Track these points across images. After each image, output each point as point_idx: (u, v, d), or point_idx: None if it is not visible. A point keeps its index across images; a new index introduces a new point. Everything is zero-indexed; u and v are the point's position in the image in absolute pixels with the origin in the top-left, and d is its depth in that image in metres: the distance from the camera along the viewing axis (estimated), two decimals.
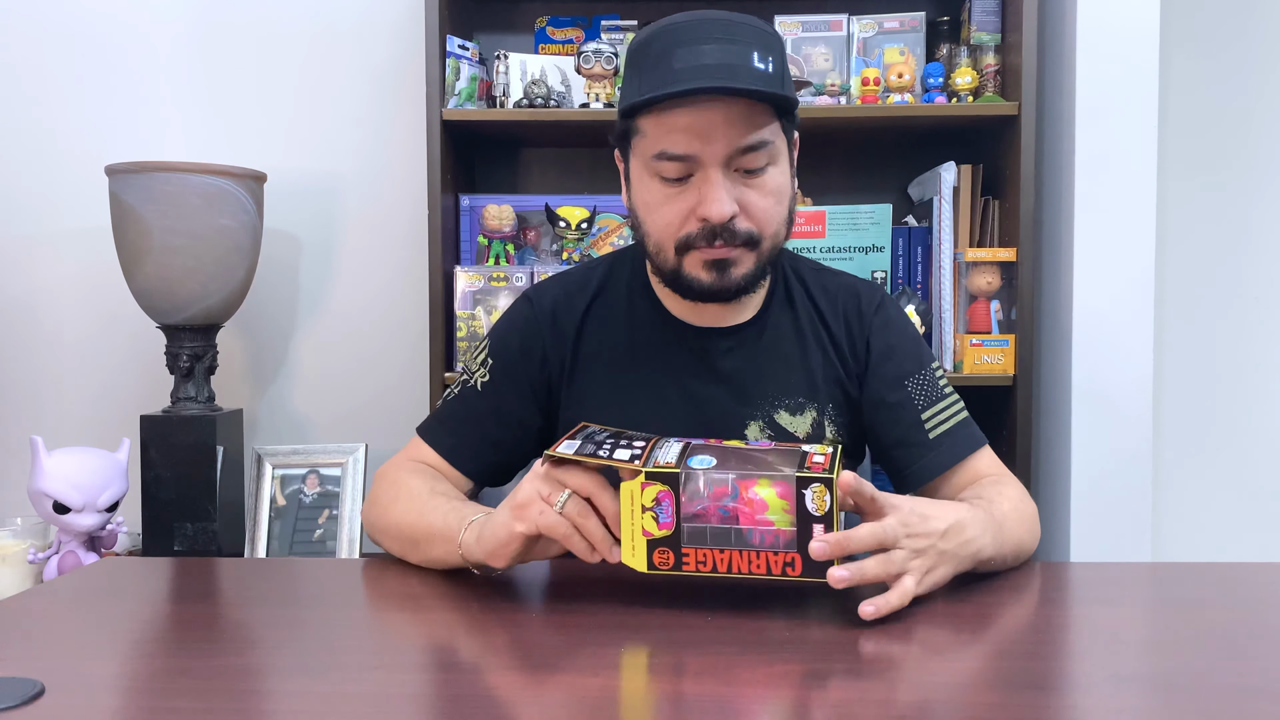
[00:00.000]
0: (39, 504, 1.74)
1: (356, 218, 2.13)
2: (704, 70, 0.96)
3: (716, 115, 0.97)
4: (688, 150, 0.99)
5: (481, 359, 1.17)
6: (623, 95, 1.05)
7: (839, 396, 1.14)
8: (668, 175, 1.02)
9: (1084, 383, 1.81)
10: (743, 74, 0.97)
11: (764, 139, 1.00)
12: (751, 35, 0.99)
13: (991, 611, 0.89)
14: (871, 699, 0.67)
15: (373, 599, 0.95)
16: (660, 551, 0.83)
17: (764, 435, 1.11)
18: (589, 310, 1.15)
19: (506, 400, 1.14)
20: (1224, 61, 2.11)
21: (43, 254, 2.14)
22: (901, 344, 1.15)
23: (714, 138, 0.98)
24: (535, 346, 1.15)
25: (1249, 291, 2.14)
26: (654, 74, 0.98)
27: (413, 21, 2.01)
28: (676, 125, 0.99)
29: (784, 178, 1.04)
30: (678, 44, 0.98)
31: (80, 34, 2.12)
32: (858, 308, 1.16)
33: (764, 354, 1.13)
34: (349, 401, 2.13)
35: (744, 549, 0.82)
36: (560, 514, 0.85)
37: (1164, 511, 2.11)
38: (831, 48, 1.93)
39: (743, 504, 0.81)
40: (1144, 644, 0.81)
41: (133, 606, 0.91)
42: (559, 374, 1.15)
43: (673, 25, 1.01)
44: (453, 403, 1.17)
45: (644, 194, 1.05)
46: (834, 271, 1.21)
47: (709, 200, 0.99)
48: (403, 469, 1.13)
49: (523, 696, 0.69)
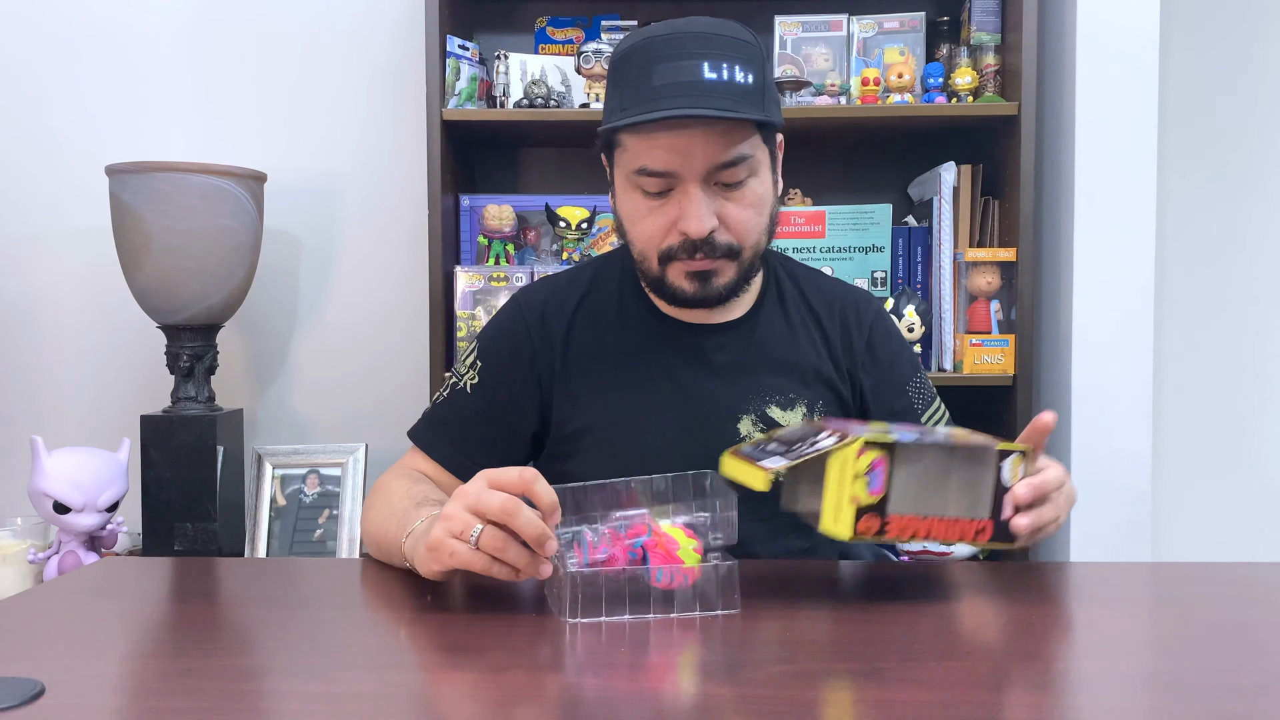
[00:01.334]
0: (39, 504, 1.74)
1: (356, 218, 2.13)
2: (683, 88, 0.97)
3: (695, 133, 0.99)
4: (667, 167, 1.01)
5: (470, 361, 1.17)
6: (605, 106, 1.06)
7: (827, 393, 1.15)
8: (648, 190, 1.03)
9: (1084, 383, 1.81)
10: (721, 93, 0.98)
11: (743, 154, 1.01)
12: (732, 48, 1.00)
13: (992, 611, 0.89)
14: (871, 699, 0.67)
15: (373, 599, 0.95)
16: (867, 518, 0.85)
17: (756, 429, 1.12)
18: (578, 309, 1.16)
19: (495, 402, 1.15)
20: (1224, 61, 2.11)
21: (43, 254, 2.14)
22: (901, 352, 1.20)
23: (693, 155, 1.00)
24: (524, 347, 1.15)
25: (1249, 291, 2.14)
26: (634, 90, 1.00)
27: (413, 21, 2.01)
28: (656, 143, 1.00)
29: (764, 187, 1.06)
30: (657, 59, 0.99)
31: (80, 34, 2.12)
32: (856, 315, 1.19)
33: (756, 349, 1.14)
34: (349, 401, 2.13)
35: (943, 516, 0.86)
36: (477, 548, 0.83)
37: (1164, 511, 2.11)
38: (831, 48, 1.93)
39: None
40: (1144, 644, 0.81)
41: (133, 606, 0.91)
42: (549, 374, 1.15)
43: (652, 38, 1.01)
44: (441, 406, 1.17)
45: (627, 205, 1.07)
46: (830, 279, 1.24)
47: (688, 216, 1.01)
48: (392, 475, 1.14)
49: (523, 696, 0.69)
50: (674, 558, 0.83)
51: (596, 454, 1.11)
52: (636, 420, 1.11)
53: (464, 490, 0.86)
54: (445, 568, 0.86)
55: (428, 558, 0.87)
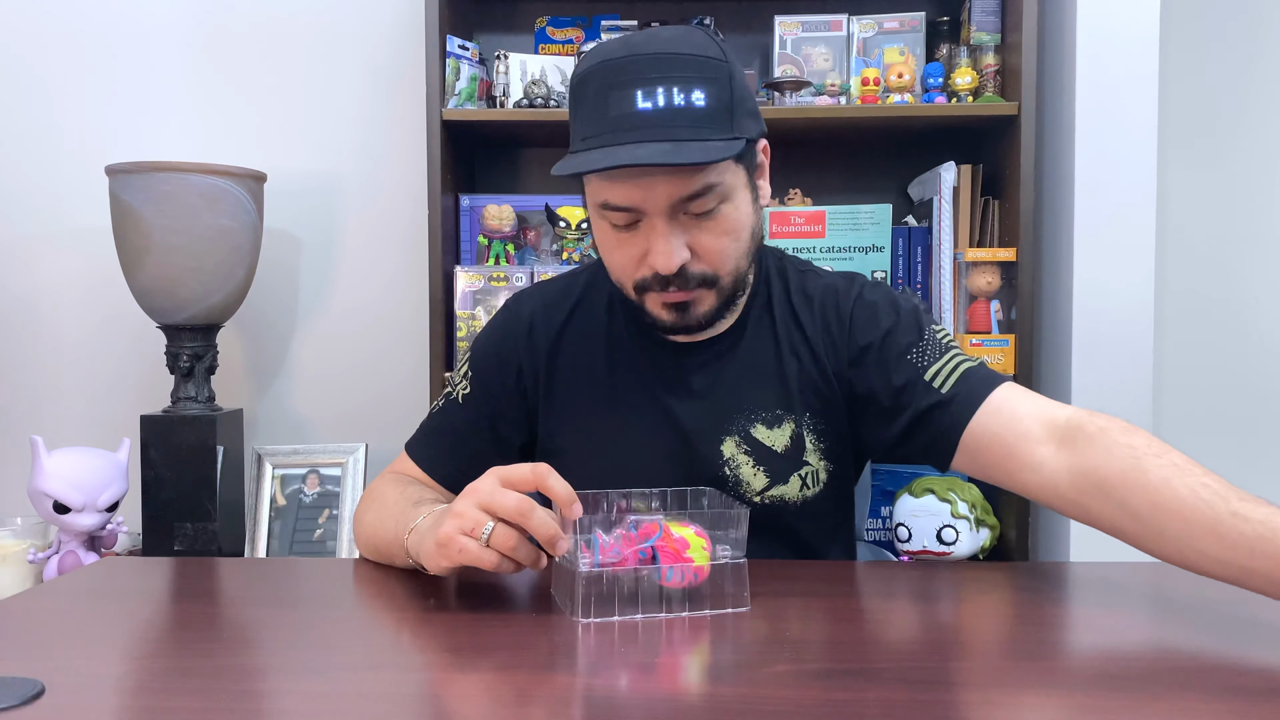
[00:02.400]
0: (39, 504, 1.74)
1: (356, 218, 2.13)
2: (639, 120, 0.92)
3: (655, 170, 0.93)
4: (629, 203, 0.96)
5: (464, 371, 1.16)
6: (571, 131, 1.01)
7: (816, 404, 1.09)
8: (615, 223, 0.99)
9: (1084, 383, 1.80)
10: (682, 121, 0.92)
11: (709, 183, 0.95)
12: (692, 66, 0.94)
13: (992, 611, 0.89)
14: (871, 699, 0.67)
15: (373, 599, 0.95)
16: None
17: (740, 451, 1.08)
18: (567, 323, 1.14)
19: (485, 413, 1.14)
20: (1224, 61, 2.11)
21: (43, 254, 2.14)
22: (894, 323, 1.07)
23: (655, 189, 0.94)
24: (511, 359, 1.14)
25: (1249, 291, 2.14)
26: (591, 119, 0.95)
27: (413, 21, 2.01)
28: (615, 180, 0.95)
29: (739, 212, 0.99)
30: (612, 86, 0.94)
31: (80, 34, 2.12)
32: (835, 306, 1.10)
33: (739, 367, 1.09)
34: (349, 401, 2.13)
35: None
36: (488, 544, 0.83)
37: None
38: (831, 48, 1.93)
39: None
40: (1144, 644, 0.81)
41: (133, 606, 0.90)
42: (534, 387, 1.13)
43: (609, 63, 0.95)
44: (436, 416, 1.17)
45: (598, 235, 1.03)
46: (819, 272, 1.15)
47: (655, 253, 0.97)
48: (383, 480, 1.13)
49: (523, 697, 0.69)
50: (684, 558, 0.83)
51: (579, 472, 1.03)
52: (617, 441, 1.09)
53: (475, 487, 0.86)
54: (453, 564, 0.86)
55: (436, 553, 0.86)
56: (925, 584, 0.96)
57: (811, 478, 1.09)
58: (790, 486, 1.08)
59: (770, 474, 1.08)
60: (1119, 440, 0.91)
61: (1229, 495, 0.84)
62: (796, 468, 1.08)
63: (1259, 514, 0.81)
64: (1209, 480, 0.86)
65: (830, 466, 1.10)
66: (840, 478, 1.12)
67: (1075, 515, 0.93)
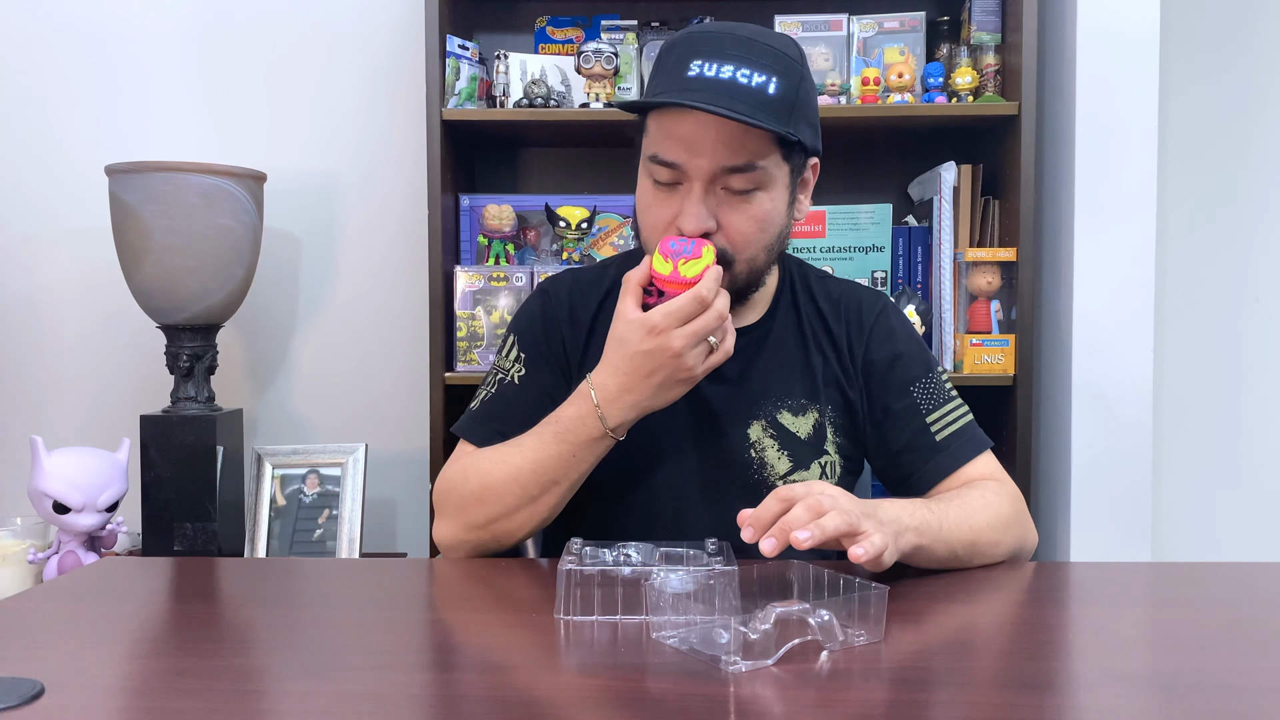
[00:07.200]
0: (39, 504, 1.74)
1: (356, 218, 2.13)
2: (709, 85, 0.98)
3: (709, 131, 0.99)
4: (676, 159, 1.01)
5: (514, 355, 1.17)
6: (645, 90, 1.09)
7: (838, 399, 1.15)
8: (659, 179, 1.04)
9: (1084, 383, 1.81)
10: (745, 98, 0.98)
11: (753, 163, 1.01)
12: (770, 58, 1.00)
13: (991, 611, 0.89)
14: (871, 698, 0.67)
15: (373, 599, 0.95)
16: None
17: (766, 435, 1.12)
18: (601, 308, 1.17)
19: (545, 391, 1.14)
20: (1224, 62, 2.11)
21: (43, 254, 2.14)
22: (908, 350, 1.16)
23: (701, 152, 1.00)
24: (556, 336, 1.17)
25: (1249, 291, 2.14)
26: (666, 79, 1.02)
27: (413, 21, 2.01)
28: (673, 132, 1.01)
29: (773, 204, 1.05)
30: (696, 54, 1.00)
31: (80, 34, 2.12)
32: (859, 316, 1.17)
33: (768, 355, 1.15)
34: (349, 401, 2.13)
35: None
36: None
37: (1164, 511, 2.11)
38: (831, 47, 1.93)
39: None
40: (1144, 644, 0.81)
41: (133, 606, 0.91)
42: (578, 363, 1.16)
43: (698, 34, 1.03)
44: (491, 402, 1.16)
45: (641, 190, 1.09)
46: (840, 280, 1.23)
47: (685, 213, 1.02)
48: (463, 460, 1.12)
49: (523, 697, 0.69)
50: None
51: (610, 452, 1.09)
52: (646, 421, 1.10)
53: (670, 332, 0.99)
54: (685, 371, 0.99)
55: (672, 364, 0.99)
56: (925, 584, 0.96)
57: (830, 467, 1.14)
58: (811, 473, 1.12)
59: (794, 459, 1.12)
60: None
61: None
62: (817, 455, 1.13)
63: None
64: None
65: (844, 461, 1.15)
66: (850, 474, 1.17)
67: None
